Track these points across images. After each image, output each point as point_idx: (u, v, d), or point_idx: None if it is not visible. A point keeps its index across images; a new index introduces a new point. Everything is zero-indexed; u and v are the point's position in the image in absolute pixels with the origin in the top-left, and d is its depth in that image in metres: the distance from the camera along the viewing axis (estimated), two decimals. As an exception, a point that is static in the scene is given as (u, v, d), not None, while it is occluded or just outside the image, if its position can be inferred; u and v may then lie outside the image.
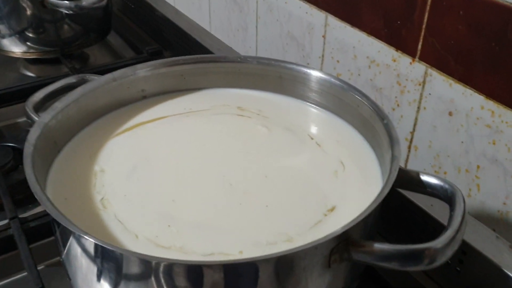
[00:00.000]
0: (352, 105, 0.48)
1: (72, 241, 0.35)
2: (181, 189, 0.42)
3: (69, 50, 0.89)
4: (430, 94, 0.55)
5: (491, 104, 0.52)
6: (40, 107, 0.48)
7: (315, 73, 0.51)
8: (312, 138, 0.48)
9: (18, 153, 0.66)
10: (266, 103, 0.53)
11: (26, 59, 0.89)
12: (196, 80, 0.55)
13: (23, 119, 0.79)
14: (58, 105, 0.45)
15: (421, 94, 0.58)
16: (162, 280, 0.32)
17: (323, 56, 0.70)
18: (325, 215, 0.39)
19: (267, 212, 0.39)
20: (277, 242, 0.37)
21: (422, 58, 0.60)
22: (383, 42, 0.64)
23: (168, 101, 0.53)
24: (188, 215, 0.39)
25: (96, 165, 0.44)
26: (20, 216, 0.54)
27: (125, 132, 0.49)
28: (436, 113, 0.54)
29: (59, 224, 0.36)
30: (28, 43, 0.84)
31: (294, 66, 0.52)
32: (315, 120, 0.51)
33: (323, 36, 0.72)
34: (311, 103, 0.52)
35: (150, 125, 0.50)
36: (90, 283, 0.36)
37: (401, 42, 0.62)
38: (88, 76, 0.51)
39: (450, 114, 0.53)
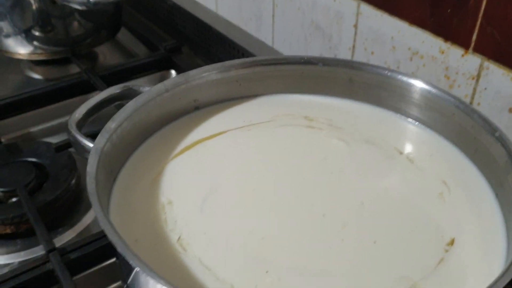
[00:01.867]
0: (446, 113, 0.42)
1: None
2: (266, 223, 0.35)
3: (79, 49, 0.81)
4: (485, 88, 0.51)
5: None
6: (82, 125, 0.41)
7: (395, 75, 0.45)
8: (400, 153, 0.42)
9: (39, 169, 0.59)
10: (336, 111, 0.47)
11: (31, 60, 0.81)
12: (252, 86, 0.48)
13: (38, 127, 0.72)
14: (111, 124, 0.38)
15: (474, 89, 0.52)
16: None
17: (353, 47, 0.64)
18: (446, 250, 0.33)
19: (376, 250, 0.33)
20: (401, 290, 0.31)
21: (477, 50, 0.55)
22: (428, 32, 0.59)
23: (224, 111, 0.47)
24: (285, 258, 0.33)
25: (162, 196, 0.37)
26: (58, 246, 0.47)
27: (184, 152, 0.42)
28: (493, 109, 0.49)
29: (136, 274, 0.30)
30: (35, 43, 0.76)
31: (368, 67, 0.46)
32: (398, 130, 0.45)
33: (354, 26, 0.66)
34: (389, 109, 0.46)
35: (210, 143, 0.43)
36: None
37: (452, 32, 0.56)
38: (133, 86, 0.44)
39: (511, 110, 0.48)
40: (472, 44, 0.58)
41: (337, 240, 0.34)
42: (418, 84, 0.43)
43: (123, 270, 0.32)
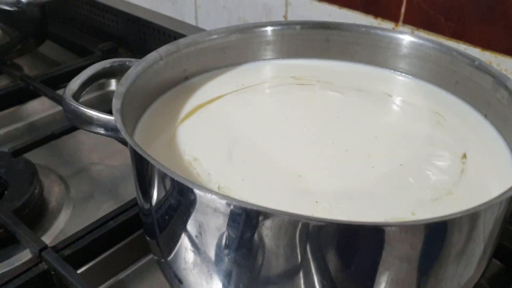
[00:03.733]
0: (422, 57, 0.46)
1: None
2: (298, 162, 0.36)
3: (6, 58, 0.76)
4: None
5: (488, 55, 0.53)
6: (78, 97, 0.39)
7: (369, 30, 0.48)
8: (389, 95, 0.45)
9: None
10: (319, 69, 0.49)
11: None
12: (236, 54, 0.48)
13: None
14: (121, 89, 0.36)
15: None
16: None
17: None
18: (463, 163, 0.37)
19: (406, 170, 0.36)
20: (440, 197, 0.33)
21: (407, 21, 0.61)
22: (358, 12, 0.64)
23: (214, 79, 0.47)
24: (327, 188, 0.34)
25: (184, 155, 0.36)
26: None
27: (188, 117, 0.41)
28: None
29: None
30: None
31: (344, 26, 0.49)
32: (380, 79, 0.48)
33: (284, 16, 0.70)
34: (367, 63, 0.49)
35: (212, 106, 0.43)
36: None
37: (381, 8, 0.61)
38: (122, 60, 0.43)
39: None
40: (402, 17, 0.63)
41: (369, 167, 0.36)
42: (395, 35, 0.47)
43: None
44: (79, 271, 0.44)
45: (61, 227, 0.54)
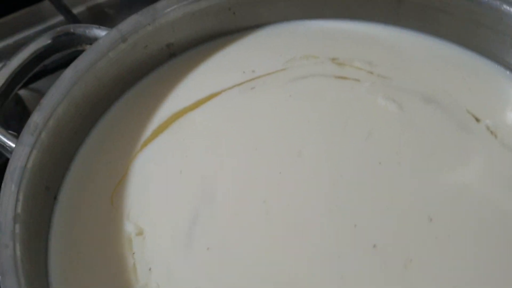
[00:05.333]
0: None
1: None
2: (290, 264, 0.23)
3: None
4: None
5: None
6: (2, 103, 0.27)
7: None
8: (477, 120, 0.28)
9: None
10: (377, 45, 0.32)
11: None
12: (252, 13, 0.32)
13: None
14: (37, 118, 0.24)
15: None
16: None
17: None
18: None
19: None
20: None
21: None
22: None
23: (213, 56, 0.32)
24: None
25: (127, 222, 0.25)
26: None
27: (157, 136, 0.28)
28: None
29: None
30: None
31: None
32: (470, 77, 0.30)
33: None
34: (453, 41, 0.31)
35: (195, 115, 0.29)
36: None
37: None
38: (73, 29, 0.29)
39: None
40: None
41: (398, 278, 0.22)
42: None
43: None
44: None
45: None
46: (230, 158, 0.27)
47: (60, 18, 0.54)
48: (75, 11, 0.59)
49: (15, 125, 0.36)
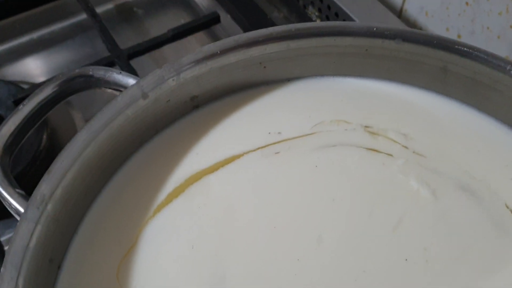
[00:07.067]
0: None
1: None
2: None
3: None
4: None
5: None
6: (9, 155, 0.26)
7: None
8: (518, 218, 0.26)
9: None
10: (416, 115, 0.29)
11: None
12: (283, 67, 0.30)
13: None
14: (44, 189, 0.22)
15: None
16: None
17: None
18: None
19: None
20: None
21: None
22: None
23: (238, 111, 0.30)
24: None
25: (132, 305, 0.24)
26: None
27: (173, 200, 0.27)
28: None
29: None
30: None
31: (478, 55, 0.27)
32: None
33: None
34: (503, 121, 0.29)
35: (214, 178, 0.27)
36: None
37: None
38: (91, 71, 0.27)
39: None
40: None
41: None
42: None
43: None
44: None
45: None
46: (246, 236, 0.25)
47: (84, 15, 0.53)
48: (103, 8, 0.57)
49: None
